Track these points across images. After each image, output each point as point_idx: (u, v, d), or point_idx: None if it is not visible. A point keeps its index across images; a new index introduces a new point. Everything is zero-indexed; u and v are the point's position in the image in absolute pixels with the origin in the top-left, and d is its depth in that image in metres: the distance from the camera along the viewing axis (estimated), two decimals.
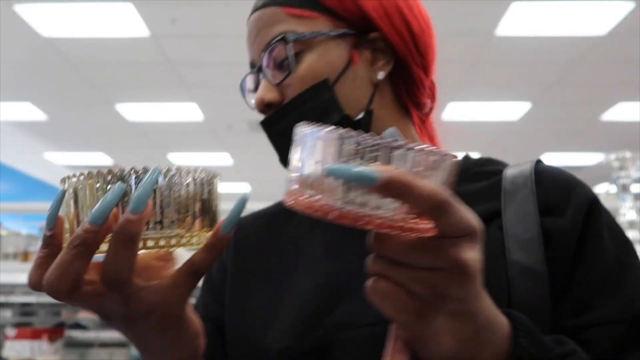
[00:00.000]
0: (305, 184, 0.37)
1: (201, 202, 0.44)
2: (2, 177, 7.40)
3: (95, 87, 5.38)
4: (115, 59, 4.79)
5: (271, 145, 0.62)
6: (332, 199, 0.35)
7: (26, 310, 3.08)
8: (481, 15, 4.17)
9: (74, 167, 8.32)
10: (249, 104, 0.66)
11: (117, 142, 7.17)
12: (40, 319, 2.83)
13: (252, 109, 0.64)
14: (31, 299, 2.87)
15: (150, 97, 5.68)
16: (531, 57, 4.85)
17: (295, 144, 0.39)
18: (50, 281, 0.39)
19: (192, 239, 0.44)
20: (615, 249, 0.53)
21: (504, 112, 6.19)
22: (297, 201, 0.37)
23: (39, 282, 0.41)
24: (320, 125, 0.37)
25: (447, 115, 6.18)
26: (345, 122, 0.56)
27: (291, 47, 0.57)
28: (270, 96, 0.59)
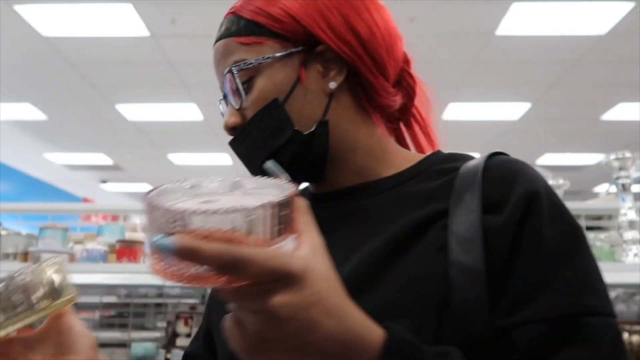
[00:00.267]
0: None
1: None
2: (2, 177, 7.40)
3: (95, 87, 5.38)
4: (115, 59, 4.79)
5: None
6: (169, 263, 0.39)
7: None
8: (482, 15, 4.17)
9: (74, 167, 8.32)
10: None
11: (117, 142, 7.17)
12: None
13: None
14: None
15: (150, 97, 5.68)
16: (531, 57, 4.84)
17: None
18: None
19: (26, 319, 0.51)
20: (554, 243, 0.52)
21: (504, 112, 6.19)
22: (152, 268, 0.40)
23: None
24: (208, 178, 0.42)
25: (447, 115, 6.18)
26: (296, 137, 0.61)
27: (238, 76, 0.62)
28: (232, 120, 0.64)
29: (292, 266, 0.39)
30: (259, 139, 0.62)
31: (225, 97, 0.66)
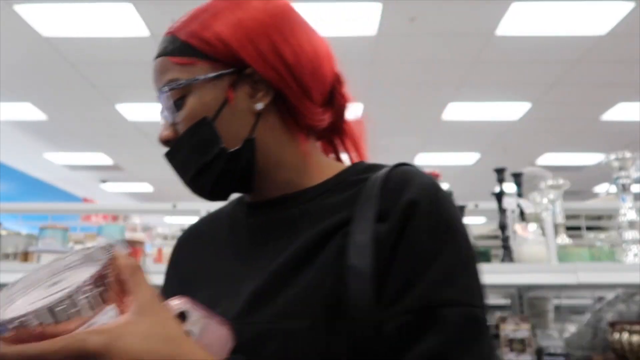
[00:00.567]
0: None
1: None
2: (2, 177, 7.40)
3: (95, 87, 5.38)
4: (115, 59, 4.79)
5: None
6: None
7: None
8: (482, 15, 4.18)
9: (74, 167, 8.32)
10: None
11: (117, 142, 7.17)
12: None
13: None
14: None
15: (150, 97, 5.59)
16: (531, 57, 4.85)
17: None
18: None
19: None
20: (425, 246, 0.58)
21: (504, 112, 6.19)
22: None
23: None
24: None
25: (447, 115, 6.18)
26: (223, 153, 0.66)
27: (171, 94, 0.66)
28: (165, 134, 0.69)
29: (89, 345, 0.44)
30: (189, 154, 0.67)
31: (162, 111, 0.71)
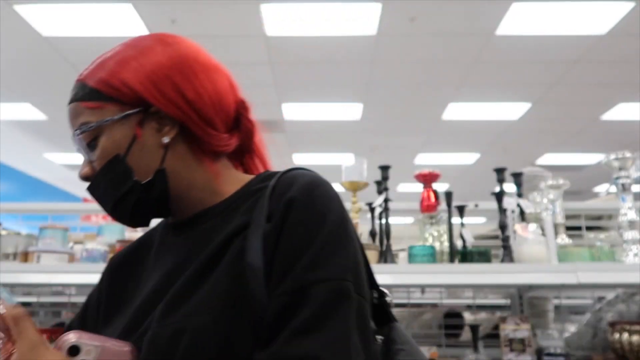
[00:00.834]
0: None
1: None
2: (2, 177, 7.40)
3: None
4: None
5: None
6: None
7: (26, 310, 3.10)
8: (482, 15, 4.18)
9: (74, 167, 8.32)
10: None
11: None
12: (40, 319, 2.83)
13: None
14: (31, 299, 2.88)
15: None
16: (531, 57, 4.85)
17: None
18: None
19: None
20: (301, 237, 0.65)
21: (504, 112, 6.19)
22: None
23: None
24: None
25: (447, 115, 6.18)
26: (136, 186, 0.73)
27: (84, 135, 0.74)
28: (84, 171, 0.78)
29: None
30: (106, 188, 0.75)
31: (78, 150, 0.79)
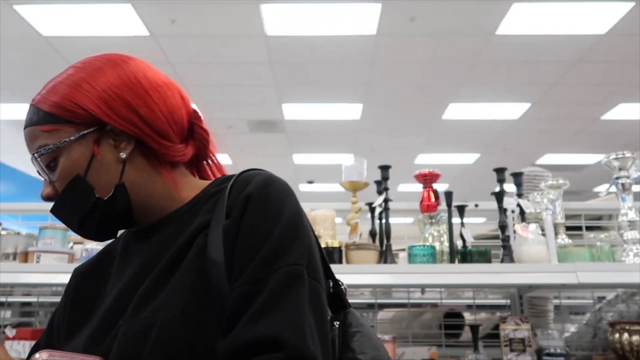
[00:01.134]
0: None
1: None
2: (2, 177, 7.40)
3: None
4: None
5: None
6: None
7: (26, 310, 3.08)
8: (482, 15, 4.18)
9: None
10: None
11: None
12: (40, 319, 2.83)
13: None
14: (31, 299, 2.87)
15: None
16: (531, 57, 4.85)
17: None
18: None
19: None
20: (257, 231, 0.68)
21: (504, 112, 6.20)
22: None
23: None
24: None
25: (447, 115, 6.18)
26: (99, 202, 0.76)
27: (43, 158, 0.76)
28: (46, 192, 0.78)
29: None
30: (69, 207, 0.77)
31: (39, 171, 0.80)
